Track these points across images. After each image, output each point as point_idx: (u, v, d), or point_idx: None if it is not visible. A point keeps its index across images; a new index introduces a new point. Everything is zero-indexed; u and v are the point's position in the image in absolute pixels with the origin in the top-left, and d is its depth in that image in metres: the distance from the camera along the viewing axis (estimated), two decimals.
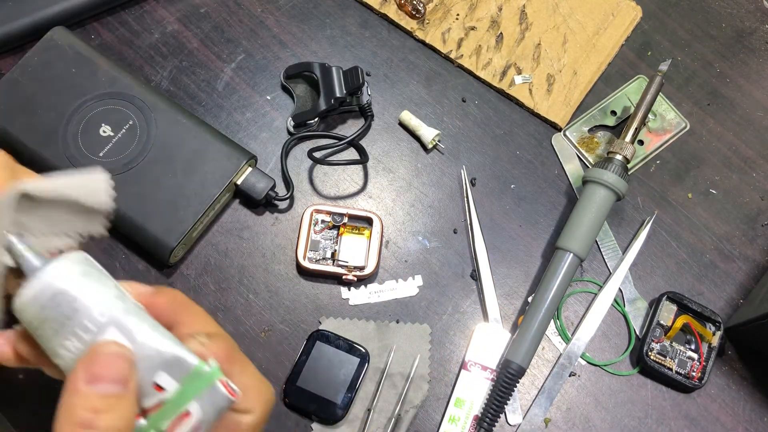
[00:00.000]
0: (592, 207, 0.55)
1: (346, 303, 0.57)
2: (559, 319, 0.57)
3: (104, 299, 0.31)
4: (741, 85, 0.66)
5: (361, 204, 0.60)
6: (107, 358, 0.29)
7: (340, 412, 0.52)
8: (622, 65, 0.66)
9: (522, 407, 0.55)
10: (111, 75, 0.57)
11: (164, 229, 0.54)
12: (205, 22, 0.65)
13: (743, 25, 0.69)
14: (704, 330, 0.56)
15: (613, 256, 0.59)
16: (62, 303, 0.30)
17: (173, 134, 0.56)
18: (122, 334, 0.30)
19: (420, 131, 0.61)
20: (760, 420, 0.55)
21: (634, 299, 0.58)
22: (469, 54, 0.65)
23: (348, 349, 0.54)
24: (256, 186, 0.57)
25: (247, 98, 0.62)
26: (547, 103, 0.63)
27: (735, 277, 0.59)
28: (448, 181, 0.61)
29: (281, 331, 0.56)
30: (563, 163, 0.62)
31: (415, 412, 0.53)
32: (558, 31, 0.66)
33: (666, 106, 0.65)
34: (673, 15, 0.68)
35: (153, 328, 0.31)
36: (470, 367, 0.55)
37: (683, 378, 0.55)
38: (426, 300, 0.57)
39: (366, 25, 0.66)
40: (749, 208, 0.62)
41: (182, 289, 0.56)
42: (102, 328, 0.30)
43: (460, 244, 0.59)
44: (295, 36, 0.65)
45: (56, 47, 0.58)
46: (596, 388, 0.56)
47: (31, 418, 0.51)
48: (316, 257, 0.57)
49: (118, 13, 0.64)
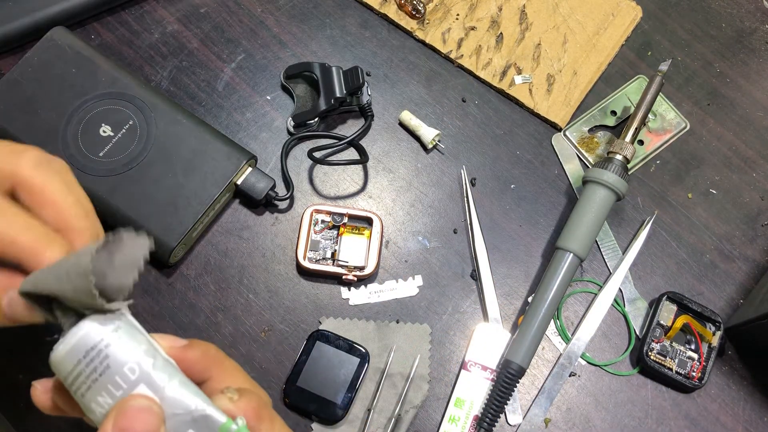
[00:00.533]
0: (592, 207, 0.55)
1: (346, 303, 0.57)
2: (559, 319, 0.57)
3: (135, 355, 0.31)
4: (741, 85, 0.66)
5: (361, 204, 0.60)
6: (136, 412, 0.30)
7: (340, 412, 0.52)
8: (622, 65, 0.66)
9: (522, 407, 0.55)
10: (111, 75, 0.57)
11: (164, 229, 0.54)
12: (205, 22, 0.65)
13: (743, 25, 0.69)
14: (704, 330, 0.56)
15: (613, 256, 0.59)
16: (94, 359, 0.31)
17: (173, 134, 0.56)
18: (152, 390, 0.31)
19: (420, 131, 0.61)
20: (760, 420, 0.55)
21: (634, 299, 0.58)
22: (469, 54, 0.65)
23: (348, 349, 0.54)
24: (256, 186, 0.57)
25: (247, 98, 0.62)
26: (547, 103, 0.63)
27: (735, 277, 0.59)
28: (448, 181, 0.61)
29: (281, 331, 0.56)
30: (563, 163, 0.62)
31: (415, 412, 0.53)
32: (558, 31, 0.66)
33: (666, 106, 0.65)
34: (673, 15, 0.68)
35: (183, 385, 0.32)
36: (470, 367, 0.55)
37: (683, 378, 0.55)
38: (426, 300, 0.57)
39: (366, 25, 0.66)
40: (749, 208, 0.62)
41: (182, 289, 0.56)
42: (132, 384, 0.31)
43: (460, 244, 0.59)
44: (295, 36, 0.65)
45: (56, 47, 0.58)
46: (596, 388, 0.56)
47: (31, 418, 0.51)
48: (316, 257, 0.57)
49: (118, 13, 0.64)
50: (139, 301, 0.55)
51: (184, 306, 0.56)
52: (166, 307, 0.55)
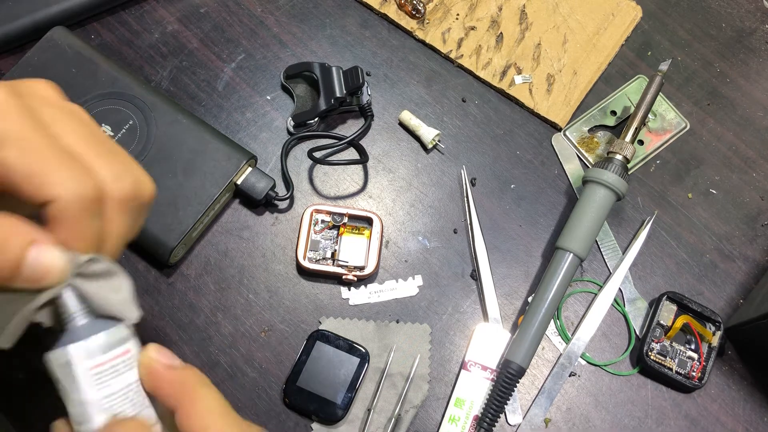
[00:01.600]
0: (592, 207, 0.55)
1: (346, 303, 0.57)
2: (559, 319, 0.57)
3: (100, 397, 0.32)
4: (741, 85, 0.66)
5: (361, 204, 0.60)
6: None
7: (340, 412, 0.52)
8: (622, 65, 0.66)
9: (522, 407, 0.55)
10: (111, 75, 0.57)
11: (164, 229, 0.54)
12: (205, 22, 0.65)
13: (743, 25, 0.69)
14: (704, 330, 0.56)
15: (613, 256, 0.59)
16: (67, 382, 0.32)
17: (173, 134, 0.56)
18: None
19: (420, 131, 0.61)
20: (760, 420, 0.55)
21: (634, 299, 0.58)
22: (469, 54, 0.65)
23: (348, 349, 0.54)
24: (256, 186, 0.57)
25: (247, 98, 0.62)
26: (547, 103, 0.63)
27: (735, 277, 0.59)
28: (448, 181, 0.61)
29: (281, 331, 0.56)
30: (563, 163, 0.62)
31: (415, 412, 0.53)
32: (558, 31, 0.66)
33: (666, 106, 0.65)
34: (673, 15, 0.68)
35: None
36: (470, 367, 0.55)
37: (683, 378, 0.55)
38: (426, 300, 0.57)
39: (366, 25, 0.66)
40: (749, 208, 0.62)
41: (182, 289, 0.56)
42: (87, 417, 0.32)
43: (460, 244, 0.59)
44: (295, 36, 0.65)
45: (56, 47, 0.58)
46: (596, 388, 0.56)
47: (32, 418, 0.51)
48: (316, 257, 0.57)
49: (118, 13, 0.64)
50: (139, 301, 0.55)
51: (184, 306, 0.56)
52: (166, 307, 0.55)
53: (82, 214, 0.31)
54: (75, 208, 0.30)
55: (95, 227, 0.32)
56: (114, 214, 0.33)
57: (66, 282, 0.31)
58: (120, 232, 0.33)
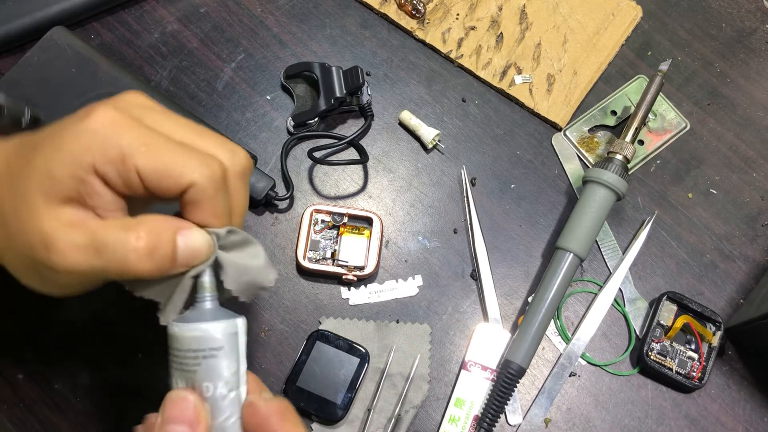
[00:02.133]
0: (592, 207, 0.55)
1: (346, 303, 0.57)
2: (559, 319, 0.57)
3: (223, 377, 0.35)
4: (741, 85, 0.66)
5: (361, 204, 0.60)
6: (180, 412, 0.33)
7: (340, 412, 0.52)
8: (622, 65, 0.66)
9: (522, 407, 0.55)
10: (111, 75, 0.57)
11: None
12: (205, 21, 0.65)
13: (743, 25, 0.69)
14: (704, 330, 0.56)
15: (613, 256, 0.59)
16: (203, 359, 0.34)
17: None
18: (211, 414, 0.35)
19: (420, 131, 0.61)
20: (760, 420, 0.55)
21: (634, 299, 0.58)
22: (469, 54, 0.65)
23: (348, 349, 0.54)
24: (256, 186, 0.57)
25: (247, 98, 0.62)
26: (547, 103, 0.63)
27: (735, 277, 0.59)
28: (448, 181, 0.61)
29: (281, 331, 0.56)
30: (563, 163, 0.62)
31: (415, 412, 0.53)
32: (558, 31, 0.66)
33: (666, 106, 0.65)
34: (673, 15, 0.68)
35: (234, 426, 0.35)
36: (470, 367, 0.55)
37: (683, 378, 0.55)
38: (426, 300, 0.57)
39: (366, 25, 0.66)
40: (749, 208, 0.62)
41: None
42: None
43: (460, 244, 0.59)
44: (295, 36, 0.65)
45: (56, 47, 0.58)
46: (596, 388, 0.56)
47: (32, 419, 0.51)
48: (316, 257, 0.57)
49: (118, 13, 0.64)
50: None
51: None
52: None
53: (216, 193, 0.35)
54: (211, 187, 0.35)
55: (226, 202, 0.36)
56: (236, 188, 0.37)
57: (213, 255, 0.36)
58: (242, 203, 0.38)
